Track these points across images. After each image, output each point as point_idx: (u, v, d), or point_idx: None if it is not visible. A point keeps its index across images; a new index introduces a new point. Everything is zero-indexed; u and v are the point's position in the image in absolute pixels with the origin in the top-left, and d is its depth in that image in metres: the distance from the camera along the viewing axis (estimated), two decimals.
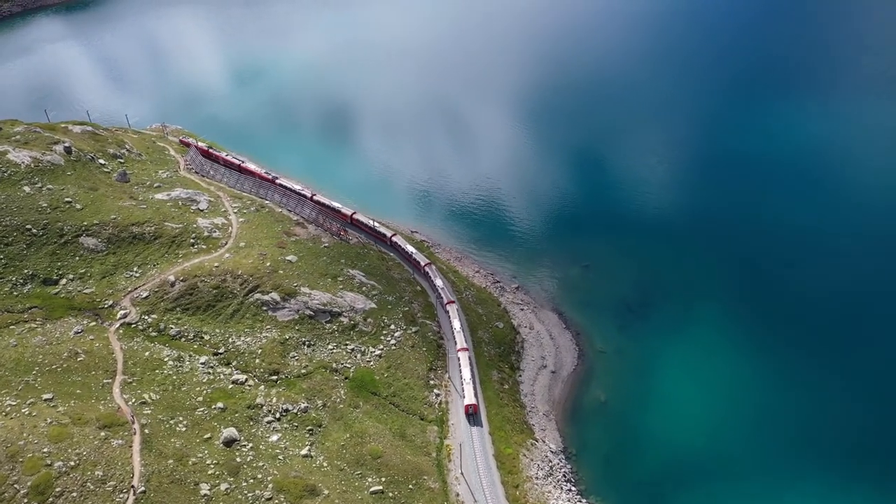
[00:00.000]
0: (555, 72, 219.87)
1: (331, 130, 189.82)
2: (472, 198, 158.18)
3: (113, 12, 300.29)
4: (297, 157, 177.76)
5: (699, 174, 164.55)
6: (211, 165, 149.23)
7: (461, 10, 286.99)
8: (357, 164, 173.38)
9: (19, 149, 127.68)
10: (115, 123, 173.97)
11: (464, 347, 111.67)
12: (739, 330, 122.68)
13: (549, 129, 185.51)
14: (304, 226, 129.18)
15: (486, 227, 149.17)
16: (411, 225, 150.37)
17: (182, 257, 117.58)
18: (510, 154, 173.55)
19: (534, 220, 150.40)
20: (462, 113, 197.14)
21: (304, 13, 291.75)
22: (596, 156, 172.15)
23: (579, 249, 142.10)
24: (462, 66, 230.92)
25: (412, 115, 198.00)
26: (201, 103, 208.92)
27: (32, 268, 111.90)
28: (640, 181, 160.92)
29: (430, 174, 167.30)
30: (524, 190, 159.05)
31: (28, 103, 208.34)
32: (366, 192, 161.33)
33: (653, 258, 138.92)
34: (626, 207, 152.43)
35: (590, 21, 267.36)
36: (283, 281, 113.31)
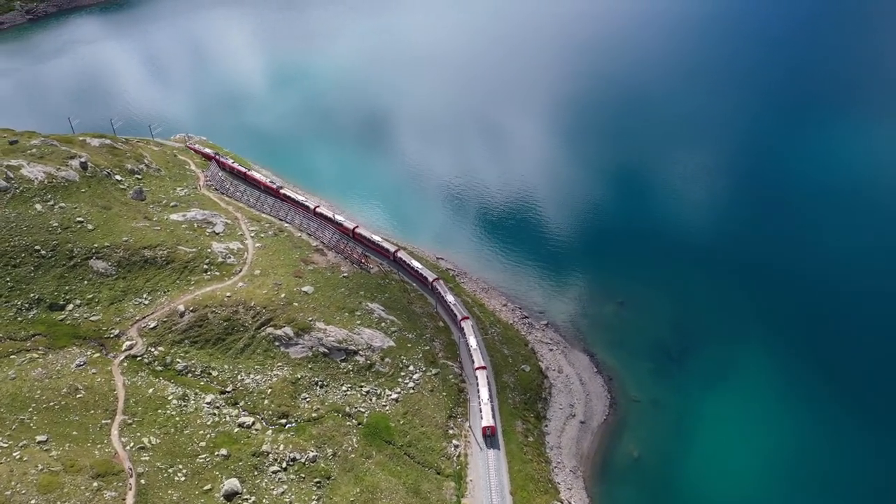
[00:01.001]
0: (589, 85, 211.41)
1: (359, 144, 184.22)
2: (501, 222, 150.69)
3: (147, 14, 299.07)
4: (321, 170, 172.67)
5: (746, 202, 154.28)
6: (231, 182, 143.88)
7: (496, 18, 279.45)
8: (384, 182, 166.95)
9: (34, 163, 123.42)
10: (138, 133, 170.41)
11: (481, 366, 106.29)
12: (789, 381, 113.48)
13: (584, 148, 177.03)
14: (324, 252, 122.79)
15: (516, 255, 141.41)
16: (437, 250, 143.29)
17: (194, 284, 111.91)
18: (541, 176, 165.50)
19: (566, 249, 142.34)
20: (493, 127, 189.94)
21: (338, 19, 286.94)
22: (632, 179, 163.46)
23: (614, 283, 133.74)
24: (495, 76, 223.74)
25: (442, 129, 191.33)
26: (229, 112, 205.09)
27: (39, 291, 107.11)
28: (681, 208, 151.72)
29: (459, 195, 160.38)
30: (556, 216, 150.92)
31: (55, 107, 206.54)
32: (391, 211, 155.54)
33: (694, 296, 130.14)
34: (665, 237, 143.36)
35: (626, 28, 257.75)
36: (298, 314, 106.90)
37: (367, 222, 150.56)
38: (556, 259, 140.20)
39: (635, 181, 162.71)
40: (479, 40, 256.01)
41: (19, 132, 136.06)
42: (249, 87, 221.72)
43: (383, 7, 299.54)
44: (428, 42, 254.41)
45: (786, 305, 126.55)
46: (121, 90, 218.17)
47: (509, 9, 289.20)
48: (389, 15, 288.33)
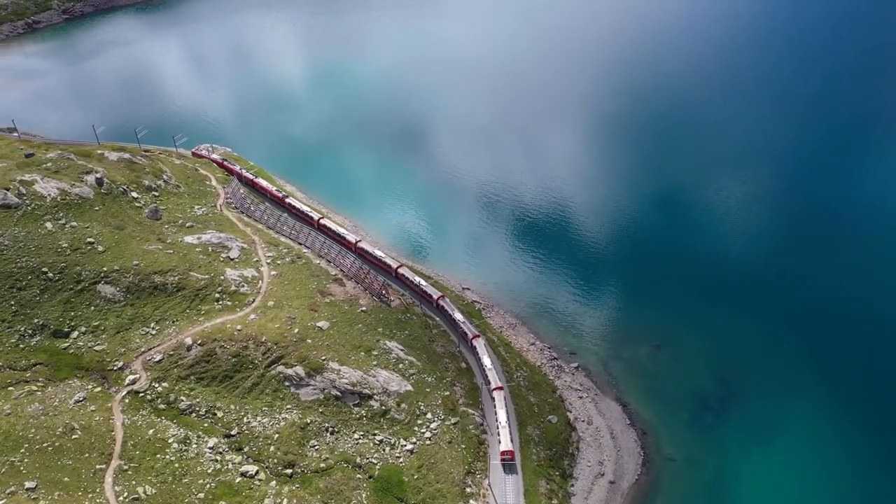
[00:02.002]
0: (627, 100, 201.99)
1: (389, 159, 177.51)
2: (531, 251, 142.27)
3: (181, 15, 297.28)
4: (347, 187, 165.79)
5: (799, 235, 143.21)
6: (252, 200, 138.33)
7: (534, 23, 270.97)
8: (412, 203, 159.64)
9: (48, 178, 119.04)
10: (163, 142, 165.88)
11: (499, 386, 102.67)
12: (844, 440, 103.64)
13: (621, 171, 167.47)
14: (343, 283, 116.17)
15: (546, 289, 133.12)
16: (463, 279, 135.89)
17: (204, 314, 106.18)
18: (575, 201, 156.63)
19: (600, 283, 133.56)
20: (528, 145, 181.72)
21: (372, 24, 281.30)
22: (672, 206, 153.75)
23: (650, 323, 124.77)
24: (531, 86, 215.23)
25: (476, 144, 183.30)
26: (257, 120, 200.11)
27: (44, 317, 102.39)
28: (725, 241, 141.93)
29: (489, 220, 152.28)
30: (590, 246, 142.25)
31: (83, 111, 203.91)
32: (418, 236, 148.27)
33: (737, 340, 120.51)
34: (707, 273, 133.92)
35: (674, 39, 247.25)
36: (311, 353, 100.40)
37: (388, 245, 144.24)
38: (589, 293, 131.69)
39: (675, 209, 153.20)
40: (517, 47, 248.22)
41: (37, 143, 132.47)
42: (280, 95, 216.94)
43: (419, 13, 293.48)
44: (463, 48, 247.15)
45: (841, 354, 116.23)
46: (149, 95, 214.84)
47: (546, 13, 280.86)
48: (425, 20, 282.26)
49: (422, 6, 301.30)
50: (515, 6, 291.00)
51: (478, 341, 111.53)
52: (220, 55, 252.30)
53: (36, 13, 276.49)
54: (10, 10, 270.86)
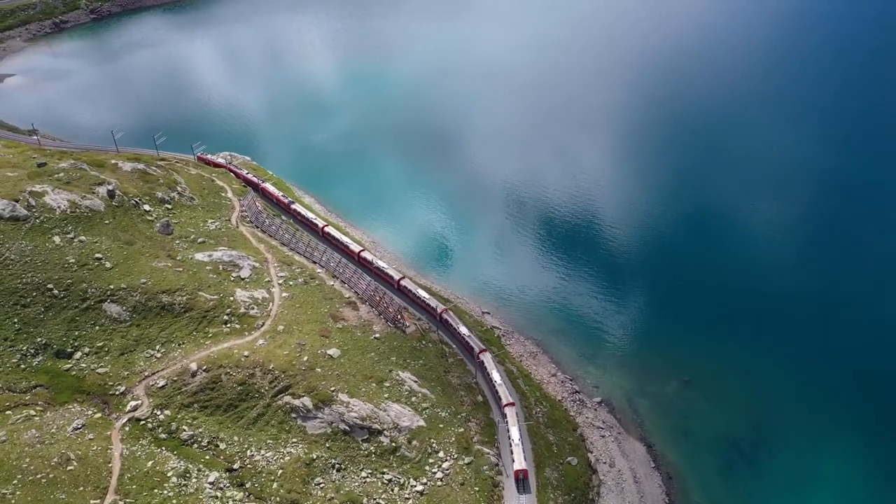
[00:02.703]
0: (663, 111, 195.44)
1: (412, 171, 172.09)
2: (556, 274, 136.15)
3: (207, 17, 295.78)
4: (367, 199, 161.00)
5: (848, 267, 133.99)
6: (268, 215, 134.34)
7: (571, 34, 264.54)
8: (434, 218, 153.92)
9: (59, 190, 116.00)
10: (182, 149, 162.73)
11: (510, 402, 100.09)
12: (888, 496, 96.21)
13: (655, 190, 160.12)
14: (356, 307, 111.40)
15: (570, 315, 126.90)
16: (483, 303, 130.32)
17: (211, 338, 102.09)
18: (605, 222, 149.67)
19: (627, 311, 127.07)
20: (557, 159, 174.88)
21: (402, 29, 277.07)
22: (707, 230, 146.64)
23: (680, 355, 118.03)
24: (564, 98, 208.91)
25: (502, 157, 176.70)
26: (279, 128, 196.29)
27: (47, 336, 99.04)
28: (764, 269, 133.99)
29: (512, 241, 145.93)
30: (617, 271, 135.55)
31: (105, 114, 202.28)
32: (438, 254, 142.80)
33: (775, 379, 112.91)
34: (743, 305, 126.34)
35: (715, 50, 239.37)
36: (320, 383, 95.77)
37: (408, 263, 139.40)
38: (615, 321, 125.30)
39: (710, 231, 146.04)
40: (550, 54, 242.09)
41: (51, 151, 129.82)
42: (304, 102, 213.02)
43: (448, 18, 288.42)
44: (494, 55, 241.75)
45: (891, 400, 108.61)
46: (171, 100, 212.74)
47: (583, 21, 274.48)
48: (454, 26, 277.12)
49: (452, 11, 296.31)
50: (550, 13, 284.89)
51: (485, 355, 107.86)
52: (243, 59, 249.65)
53: (64, 13, 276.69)
54: (39, 10, 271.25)
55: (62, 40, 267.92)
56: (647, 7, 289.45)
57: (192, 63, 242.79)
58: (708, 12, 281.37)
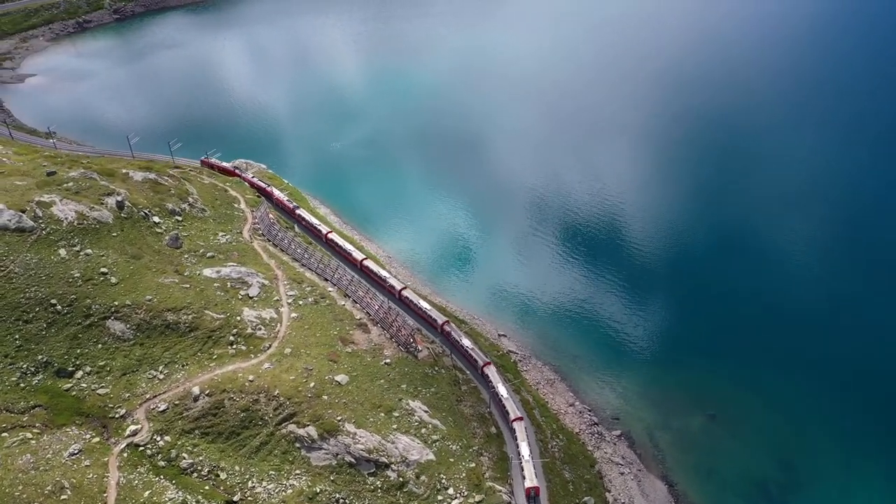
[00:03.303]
0: (693, 124, 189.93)
1: (432, 183, 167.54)
2: (577, 296, 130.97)
3: (230, 18, 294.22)
4: (386, 211, 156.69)
5: (890, 294, 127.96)
6: (281, 228, 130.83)
7: (599, 40, 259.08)
8: (452, 235, 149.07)
9: (68, 200, 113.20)
10: (197, 155, 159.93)
11: (518, 417, 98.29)
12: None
13: (683, 209, 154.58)
14: (367, 329, 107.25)
15: (590, 340, 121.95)
16: (500, 325, 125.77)
17: (216, 359, 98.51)
18: (629, 244, 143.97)
19: (651, 339, 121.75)
20: (582, 173, 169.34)
21: (426, 33, 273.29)
22: (739, 252, 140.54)
23: (706, 388, 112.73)
24: (590, 107, 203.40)
25: (526, 169, 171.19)
26: (298, 135, 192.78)
27: (48, 353, 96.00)
28: (798, 295, 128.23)
29: (532, 260, 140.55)
30: (641, 297, 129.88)
31: (122, 117, 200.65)
32: (455, 273, 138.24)
33: (808, 416, 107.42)
34: (775, 334, 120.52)
35: (748, 60, 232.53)
36: (326, 411, 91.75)
37: (424, 281, 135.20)
38: (637, 347, 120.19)
39: (741, 254, 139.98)
40: (577, 61, 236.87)
41: (62, 159, 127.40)
42: (323, 106, 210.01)
43: (475, 23, 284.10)
44: (521, 60, 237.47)
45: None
46: (189, 102, 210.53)
47: (611, 27, 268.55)
48: (480, 31, 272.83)
49: (477, 15, 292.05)
50: (577, 18, 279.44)
51: (489, 369, 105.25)
52: (264, 62, 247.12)
53: (87, 12, 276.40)
54: (63, 9, 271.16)
55: (84, 40, 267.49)
56: (678, 14, 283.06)
57: (212, 65, 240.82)
58: (738, 17, 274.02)
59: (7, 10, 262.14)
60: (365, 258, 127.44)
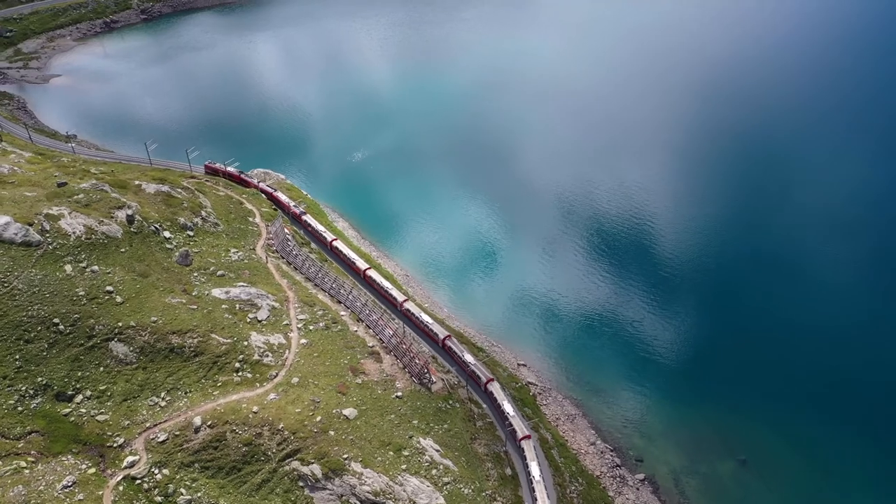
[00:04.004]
0: (730, 143, 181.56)
1: (456, 197, 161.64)
2: (602, 324, 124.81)
3: (257, 20, 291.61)
4: (407, 227, 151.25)
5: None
6: (296, 244, 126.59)
7: (634, 45, 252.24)
8: (476, 253, 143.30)
9: (76, 213, 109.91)
10: (218, 160, 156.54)
11: (526, 435, 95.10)
12: None
13: (717, 231, 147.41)
14: (379, 358, 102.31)
15: (615, 372, 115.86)
16: (520, 352, 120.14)
17: (220, 387, 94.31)
18: (660, 270, 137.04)
19: (679, 375, 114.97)
20: (612, 189, 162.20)
21: (456, 38, 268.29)
22: (777, 281, 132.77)
23: (737, 431, 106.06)
24: (621, 117, 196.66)
25: (557, 186, 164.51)
26: (318, 144, 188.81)
27: (48, 376, 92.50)
28: (841, 331, 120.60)
29: (559, 285, 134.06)
30: (670, 329, 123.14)
31: (144, 122, 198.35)
32: (475, 294, 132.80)
33: (846, 464, 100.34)
34: (815, 373, 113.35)
35: (790, 72, 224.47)
36: (332, 448, 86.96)
37: (442, 303, 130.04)
38: (664, 384, 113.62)
39: (780, 282, 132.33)
40: (609, 67, 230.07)
41: (74, 169, 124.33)
42: (346, 114, 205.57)
43: (504, 27, 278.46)
44: (551, 67, 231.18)
45: None
46: (210, 107, 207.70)
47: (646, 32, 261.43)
48: (511, 36, 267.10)
49: (508, 21, 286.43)
50: (612, 25, 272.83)
51: (493, 385, 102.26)
52: (288, 67, 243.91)
53: (115, 12, 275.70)
54: (91, 9, 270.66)
55: (111, 40, 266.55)
56: (715, 19, 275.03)
57: (236, 69, 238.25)
58: (782, 28, 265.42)
59: (36, 8, 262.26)
60: (368, 268, 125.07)
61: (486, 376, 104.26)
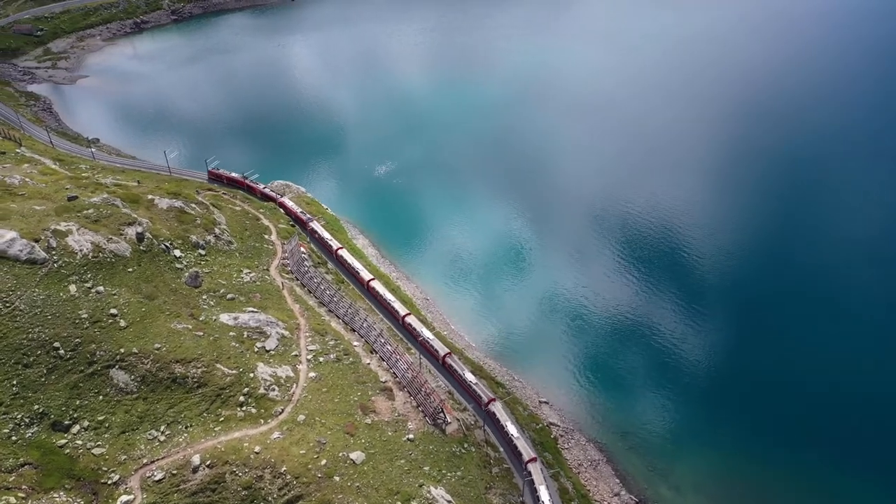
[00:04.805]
0: (779, 167, 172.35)
1: (483, 215, 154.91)
2: (633, 364, 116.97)
3: (287, 23, 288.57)
4: (430, 248, 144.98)
5: None
6: (312, 265, 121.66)
7: (679, 59, 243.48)
8: (502, 278, 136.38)
9: (85, 229, 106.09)
10: (237, 171, 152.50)
11: (532, 458, 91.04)
12: None
13: (766, 264, 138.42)
14: (392, 395, 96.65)
15: (643, 416, 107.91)
16: (542, 388, 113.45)
17: (222, 423, 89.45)
18: (699, 303, 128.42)
19: (713, 422, 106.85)
20: (651, 217, 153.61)
21: (491, 44, 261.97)
22: (827, 316, 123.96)
23: (777, 489, 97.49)
24: (660, 133, 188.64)
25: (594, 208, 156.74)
26: (343, 156, 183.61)
27: (45, 403, 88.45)
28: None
29: (589, 317, 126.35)
30: (706, 370, 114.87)
31: (166, 127, 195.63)
32: (499, 323, 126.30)
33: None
34: (871, 418, 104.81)
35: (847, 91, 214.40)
36: (336, 496, 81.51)
37: (461, 330, 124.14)
38: (697, 429, 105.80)
39: (835, 319, 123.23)
40: (657, 81, 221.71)
41: (86, 182, 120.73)
42: (376, 125, 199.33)
43: (538, 34, 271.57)
44: (587, 78, 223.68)
45: None
46: (233, 113, 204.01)
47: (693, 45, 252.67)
48: (545, 43, 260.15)
49: (542, 28, 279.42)
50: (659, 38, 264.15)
51: (495, 405, 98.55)
52: (316, 73, 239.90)
53: (146, 12, 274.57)
54: (121, 9, 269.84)
55: (140, 41, 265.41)
56: (759, 34, 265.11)
57: (262, 74, 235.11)
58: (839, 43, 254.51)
59: (67, 7, 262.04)
60: (372, 278, 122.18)
61: (488, 396, 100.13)
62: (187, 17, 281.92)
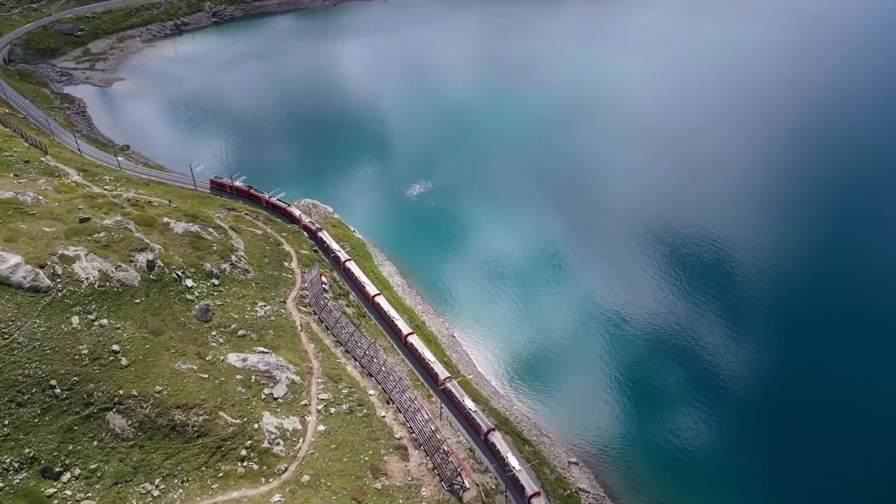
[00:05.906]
0: (840, 198, 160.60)
1: (524, 242, 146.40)
2: (677, 425, 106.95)
3: (328, 27, 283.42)
4: (462, 280, 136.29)
5: None
6: (333, 297, 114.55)
7: (743, 76, 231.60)
8: (538, 313, 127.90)
9: (94, 255, 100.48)
10: (268, 187, 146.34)
11: (536, 493, 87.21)
12: None
13: (821, 309, 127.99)
14: (406, 454, 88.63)
15: (684, 489, 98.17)
16: (572, 448, 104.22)
17: (220, 479, 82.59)
18: (756, 361, 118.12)
19: (763, 495, 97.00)
20: (704, 256, 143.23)
21: (536, 57, 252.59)
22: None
23: None
24: (732, 168, 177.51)
25: (646, 238, 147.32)
26: (377, 174, 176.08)
27: (37, 447, 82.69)
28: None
29: (631, 366, 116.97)
30: (758, 434, 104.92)
31: (199, 135, 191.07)
32: (529, 368, 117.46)
33: None
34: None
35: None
36: None
37: (488, 372, 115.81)
38: (738, 473, 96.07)
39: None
40: (711, 97, 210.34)
41: (101, 201, 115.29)
42: (414, 141, 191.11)
43: (589, 44, 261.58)
44: (642, 94, 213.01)
45: None
46: (265, 122, 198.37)
47: (764, 60, 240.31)
48: (597, 56, 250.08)
49: (599, 40, 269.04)
50: (714, 51, 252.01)
51: (494, 435, 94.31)
52: (354, 82, 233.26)
53: (187, 14, 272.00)
54: (163, 10, 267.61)
55: (180, 43, 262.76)
56: (833, 49, 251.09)
57: (299, 81, 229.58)
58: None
59: (109, 7, 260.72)
60: (377, 294, 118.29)
61: (488, 426, 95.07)
62: (228, 19, 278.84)
